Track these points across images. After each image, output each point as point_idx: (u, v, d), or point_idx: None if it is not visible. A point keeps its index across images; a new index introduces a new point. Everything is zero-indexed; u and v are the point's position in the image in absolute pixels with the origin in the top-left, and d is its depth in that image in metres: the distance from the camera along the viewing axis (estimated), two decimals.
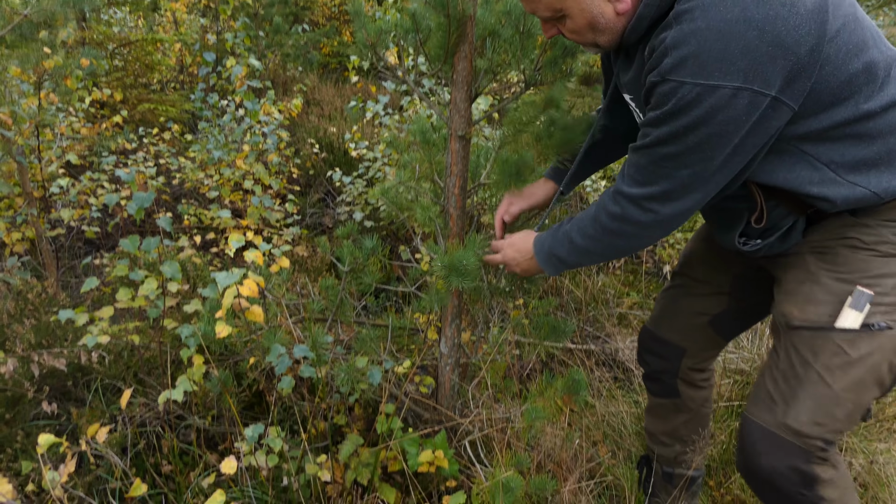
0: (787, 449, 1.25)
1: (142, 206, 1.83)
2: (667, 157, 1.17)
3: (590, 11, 1.20)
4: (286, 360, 1.75)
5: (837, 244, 1.26)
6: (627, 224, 1.30)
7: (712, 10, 1.03)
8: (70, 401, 2.40)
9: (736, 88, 1.04)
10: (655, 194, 1.22)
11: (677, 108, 1.09)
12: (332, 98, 7.27)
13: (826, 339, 1.23)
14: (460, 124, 1.75)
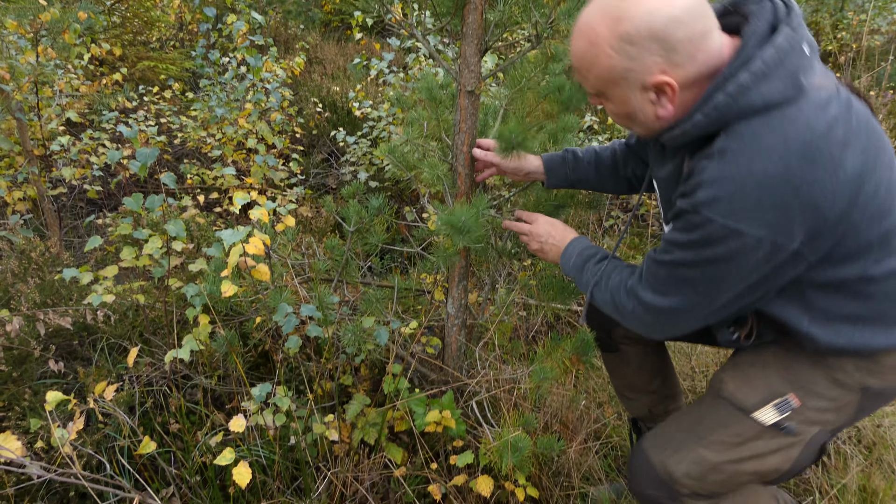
0: (658, 484, 1.41)
1: (145, 162, 1.79)
2: (685, 279, 1.21)
3: (631, 105, 1.20)
4: (293, 320, 1.73)
5: (802, 352, 1.34)
6: (633, 318, 1.35)
7: (756, 160, 1.05)
8: (76, 360, 2.40)
9: (760, 238, 1.07)
10: (666, 308, 1.26)
11: (703, 241, 1.12)
12: (334, 56, 7.14)
13: (739, 419, 1.35)
14: (470, 79, 1.69)
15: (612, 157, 1.77)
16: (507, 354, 2.46)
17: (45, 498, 1.91)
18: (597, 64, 1.16)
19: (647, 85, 1.14)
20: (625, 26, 1.09)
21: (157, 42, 6.42)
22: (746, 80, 1.07)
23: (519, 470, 1.80)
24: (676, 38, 1.08)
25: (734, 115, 1.09)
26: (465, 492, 1.90)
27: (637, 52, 1.10)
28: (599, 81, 1.19)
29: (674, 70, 1.11)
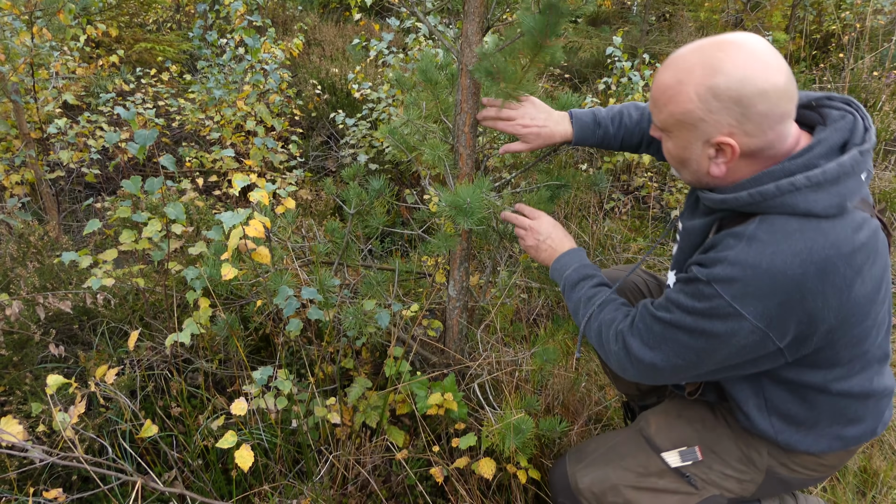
0: (567, 493, 1.55)
1: (144, 144, 1.77)
2: (676, 342, 1.24)
3: (689, 151, 1.22)
4: (294, 303, 1.72)
5: (732, 421, 1.45)
6: (613, 358, 1.38)
7: (780, 257, 1.09)
8: (77, 344, 2.40)
9: (757, 328, 1.12)
10: (648, 362, 1.29)
11: (706, 313, 1.16)
12: (333, 38, 7.07)
13: (648, 454, 1.47)
14: (471, 58, 1.67)
15: (640, 135, 1.76)
16: (508, 337, 2.45)
17: (48, 482, 1.92)
18: (676, 102, 1.17)
19: (712, 141, 1.16)
20: (717, 80, 1.10)
21: (153, 24, 6.36)
22: (801, 183, 1.10)
23: (521, 452, 1.80)
24: (757, 111, 1.10)
25: (776, 207, 1.13)
26: (468, 474, 1.90)
27: (717, 108, 1.12)
28: (671, 118, 1.20)
29: (741, 137, 1.14)
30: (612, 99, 4.65)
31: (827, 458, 1.40)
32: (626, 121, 1.77)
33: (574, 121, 1.74)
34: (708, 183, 1.26)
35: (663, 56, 6.36)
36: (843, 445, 1.35)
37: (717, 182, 1.24)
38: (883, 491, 2.10)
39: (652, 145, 1.76)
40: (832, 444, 1.34)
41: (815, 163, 1.12)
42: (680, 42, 7.11)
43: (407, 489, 1.92)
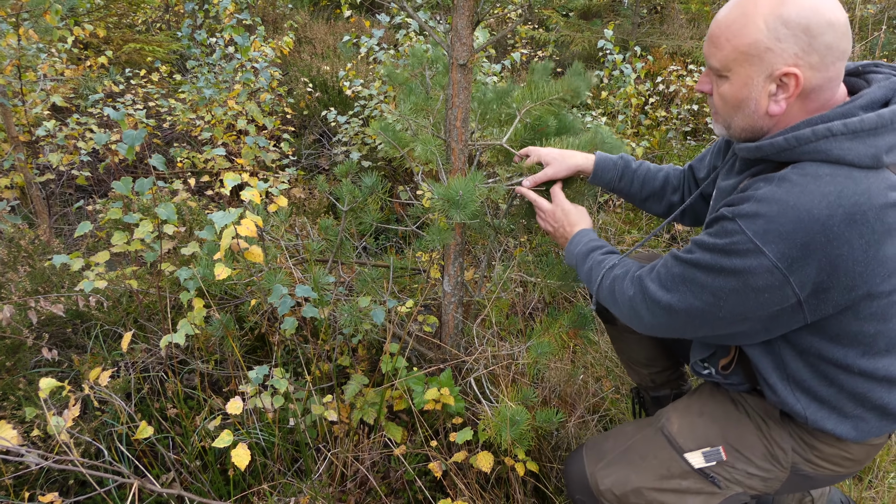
0: (586, 492, 1.51)
1: (133, 144, 1.76)
2: (694, 282, 1.21)
3: (748, 89, 1.19)
4: (289, 301, 1.71)
5: (754, 414, 1.43)
6: (628, 304, 1.36)
7: (807, 197, 1.06)
8: (71, 348, 2.38)
9: (775, 268, 1.09)
10: (665, 303, 1.27)
11: (726, 249, 1.14)
12: (324, 36, 7.04)
13: (671, 455, 1.43)
14: (462, 52, 1.66)
15: (662, 180, 1.78)
16: (504, 331, 2.45)
17: (45, 486, 1.90)
18: (742, 34, 1.14)
19: (775, 74, 1.13)
20: (787, 8, 1.09)
21: (143, 24, 6.32)
22: (837, 129, 1.09)
23: (518, 444, 1.80)
24: (823, 41, 1.09)
25: (809, 153, 1.12)
26: (466, 468, 1.90)
27: (785, 36, 1.10)
28: (734, 54, 1.17)
29: (805, 69, 1.12)
30: (605, 92, 4.65)
31: (853, 451, 1.35)
32: (650, 165, 1.81)
33: (596, 152, 1.82)
34: (762, 127, 1.22)
35: (655, 48, 6.36)
36: (868, 431, 1.29)
37: (770, 127, 1.21)
38: (879, 475, 2.11)
39: (678, 204, 1.76)
40: (858, 427, 1.29)
41: (853, 112, 1.11)
42: (672, 34, 7.11)
43: (406, 484, 1.92)
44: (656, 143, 4.69)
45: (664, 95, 5.26)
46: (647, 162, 1.82)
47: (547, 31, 7.18)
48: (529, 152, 1.85)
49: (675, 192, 1.76)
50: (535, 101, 1.93)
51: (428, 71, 2.18)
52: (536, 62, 2.03)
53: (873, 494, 2.05)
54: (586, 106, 4.96)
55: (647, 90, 4.88)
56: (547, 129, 2.00)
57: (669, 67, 5.14)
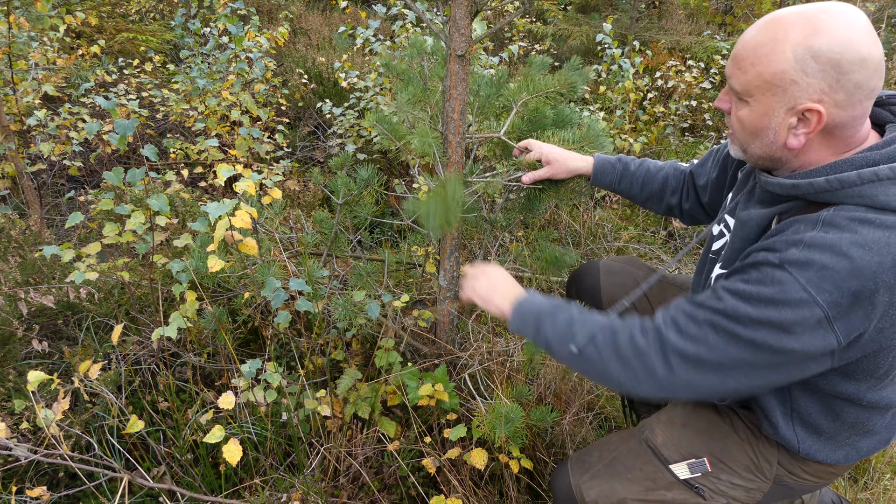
0: (571, 502, 1.46)
1: (124, 134, 1.73)
2: (729, 333, 1.10)
3: (768, 119, 1.13)
4: (282, 294, 1.69)
5: (740, 427, 1.42)
6: (639, 361, 1.20)
7: (858, 247, 1.01)
8: (62, 339, 2.35)
9: (826, 318, 1.03)
10: (692, 355, 1.14)
11: (775, 300, 1.05)
12: (319, 27, 7.00)
13: (656, 467, 1.42)
14: (460, 43, 1.64)
15: (662, 182, 1.75)
16: (500, 327, 2.43)
17: (34, 479, 1.88)
18: (768, 62, 1.08)
19: (798, 108, 1.08)
20: (819, 40, 1.03)
21: (136, 14, 6.26)
22: (884, 174, 1.04)
23: (512, 441, 1.79)
24: (852, 79, 1.03)
25: (852, 197, 1.06)
26: (460, 465, 1.89)
27: (813, 71, 1.04)
28: (757, 80, 1.10)
29: (830, 106, 1.06)
30: (603, 87, 4.63)
31: (839, 468, 1.37)
32: (649, 165, 1.78)
33: (595, 155, 1.79)
34: (780, 158, 1.17)
35: (653, 43, 6.34)
36: (857, 456, 1.32)
37: (789, 158, 1.16)
38: (875, 477, 2.11)
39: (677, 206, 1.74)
40: (849, 455, 1.31)
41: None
42: (670, 29, 7.09)
43: (399, 480, 1.91)
44: (654, 138, 4.67)
45: (662, 91, 5.25)
46: (647, 161, 1.80)
47: (545, 25, 7.15)
48: (531, 146, 1.83)
49: (674, 195, 1.74)
50: (531, 94, 1.91)
51: (426, 62, 2.15)
52: (534, 56, 2.01)
53: (868, 496, 2.04)
54: (584, 101, 4.94)
55: (645, 85, 4.87)
56: (544, 120, 1.98)
57: (668, 63, 5.12)
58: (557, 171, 1.77)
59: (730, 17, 7.11)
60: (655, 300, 1.82)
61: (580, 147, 1.88)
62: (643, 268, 1.89)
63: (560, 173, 1.78)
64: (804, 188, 1.12)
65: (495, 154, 3.44)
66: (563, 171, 1.77)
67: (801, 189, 1.13)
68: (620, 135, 4.31)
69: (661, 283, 1.84)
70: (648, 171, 1.77)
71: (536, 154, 1.79)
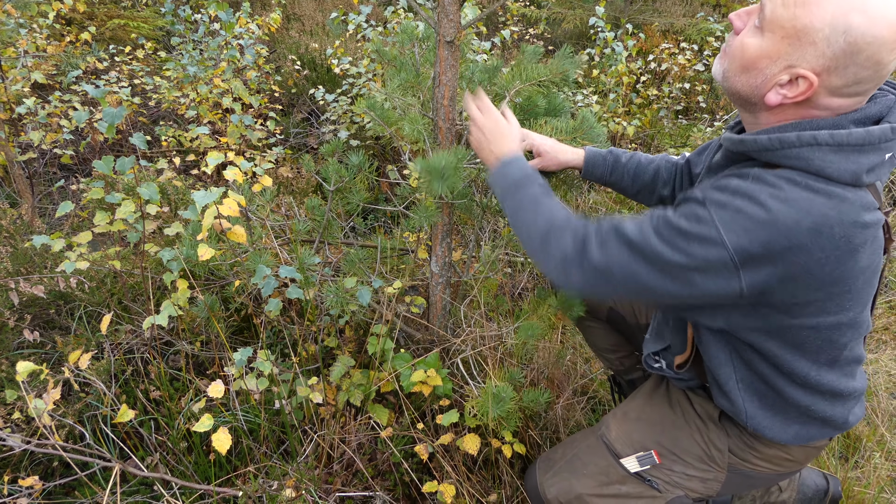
0: (537, 499, 1.53)
1: (113, 122, 1.71)
2: (646, 247, 1.15)
3: (767, 62, 1.10)
4: (272, 282, 1.69)
5: (692, 416, 1.45)
6: (559, 251, 1.26)
7: (777, 200, 1.04)
8: (54, 329, 2.35)
9: (731, 261, 1.07)
10: (602, 266, 1.19)
11: (689, 232, 1.10)
12: (312, 12, 6.94)
13: (609, 461, 1.46)
14: (449, 28, 1.62)
15: (653, 174, 1.74)
16: (492, 312, 2.44)
17: (29, 469, 1.89)
18: (809, 10, 1.02)
19: (796, 69, 1.06)
20: (858, 20, 0.99)
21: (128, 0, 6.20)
22: (823, 139, 1.04)
23: (505, 423, 1.79)
24: (857, 73, 1.02)
25: (790, 158, 1.07)
26: (453, 450, 1.90)
27: (836, 44, 1.01)
28: (789, 21, 1.05)
29: (821, 83, 1.05)
30: (596, 70, 4.60)
31: (793, 452, 1.38)
32: (641, 157, 1.77)
33: (586, 148, 1.78)
34: (754, 105, 1.16)
35: (647, 26, 6.30)
36: (806, 437, 1.32)
37: (760, 110, 1.16)
38: (865, 455, 2.13)
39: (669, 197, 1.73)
40: (798, 434, 1.32)
41: (843, 124, 1.07)
42: (664, 12, 7.04)
43: (392, 467, 1.92)
44: (648, 121, 4.66)
45: (656, 74, 5.22)
46: (638, 154, 1.79)
47: (538, 9, 7.10)
48: (524, 136, 1.80)
49: (666, 186, 1.73)
50: (524, 83, 1.90)
51: (417, 48, 2.13)
52: (526, 45, 1.99)
53: (859, 474, 2.06)
54: (578, 84, 4.91)
55: (638, 68, 4.84)
56: (536, 109, 1.97)
57: (661, 45, 5.09)
58: (548, 163, 1.75)
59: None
60: None
61: (573, 138, 1.87)
62: None
63: (551, 165, 1.76)
64: (749, 144, 1.14)
65: None
66: (554, 164, 1.76)
67: (746, 145, 1.14)
68: (614, 118, 4.29)
69: None
70: (639, 164, 1.76)
71: (527, 144, 1.77)
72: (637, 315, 1.84)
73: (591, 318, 1.93)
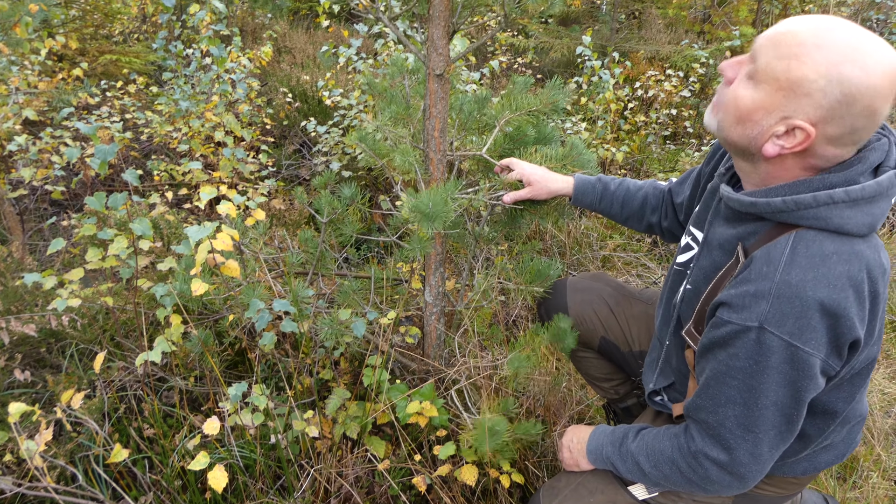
0: None
1: (104, 159, 1.72)
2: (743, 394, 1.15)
3: (762, 114, 1.10)
4: (266, 316, 1.68)
5: None
6: (697, 472, 1.25)
7: (821, 285, 1.04)
8: (45, 368, 2.33)
9: (818, 357, 1.08)
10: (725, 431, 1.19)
11: (760, 360, 1.10)
12: (303, 45, 7.02)
13: (616, 489, 1.44)
14: (438, 62, 1.65)
15: (641, 201, 1.77)
16: (487, 341, 2.43)
17: None
18: (802, 62, 1.03)
19: (792, 121, 1.06)
20: (852, 70, 0.99)
21: (120, 35, 6.26)
22: (839, 197, 1.05)
23: (500, 455, 1.78)
24: (853, 122, 1.03)
25: (807, 219, 1.08)
26: (451, 481, 1.88)
27: (831, 95, 1.01)
28: (783, 73, 1.05)
29: (818, 134, 1.06)
30: (584, 98, 4.66)
31: (799, 478, 1.39)
32: (629, 184, 1.79)
33: (575, 175, 1.81)
34: (751, 156, 1.16)
35: (633, 53, 6.41)
36: (814, 470, 1.35)
37: (758, 161, 1.16)
38: (863, 475, 2.12)
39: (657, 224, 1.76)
40: (807, 469, 1.34)
41: (855, 179, 1.07)
42: (650, 39, 7.17)
43: (391, 499, 1.89)
44: (636, 147, 4.71)
45: (643, 100, 5.29)
46: (627, 180, 1.81)
47: (526, 38, 7.21)
48: (512, 165, 1.82)
49: (654, 213, 1.75)
50: (514, 112, 1.92)
51: (407, 80, 2.16)
52: (516, 76, 2.03)
53: (857, 495, 2.05)
54: (566, 112, 4.97)
55: (626, 95, 4.91)
56: (526, 138, 1.99)
57: (648, 72, 5.17)
58: (538, 192, 1.77)
59: (708, 26, 7.19)
60: (622, 316, 1.84)
61: (563, 165, 1.89)
62: (609, 283, 1.91)
63: (541, 194, 1.78)
64: (762, 207, 1.13)
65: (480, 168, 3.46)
66: (544, 192, 1.78)
67: (759, 208, 1.14)
68: (603, 144, 4.34)
69: (628, 297, 1.86)
70: (628, 191, 1.77)
71: (517, 174, 1.79)
72: (630, 343, 1.84)
73: (583, 348, 1.92)
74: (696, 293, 1.30)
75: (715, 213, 1.33)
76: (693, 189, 1.59)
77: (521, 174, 1.78)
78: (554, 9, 1.79)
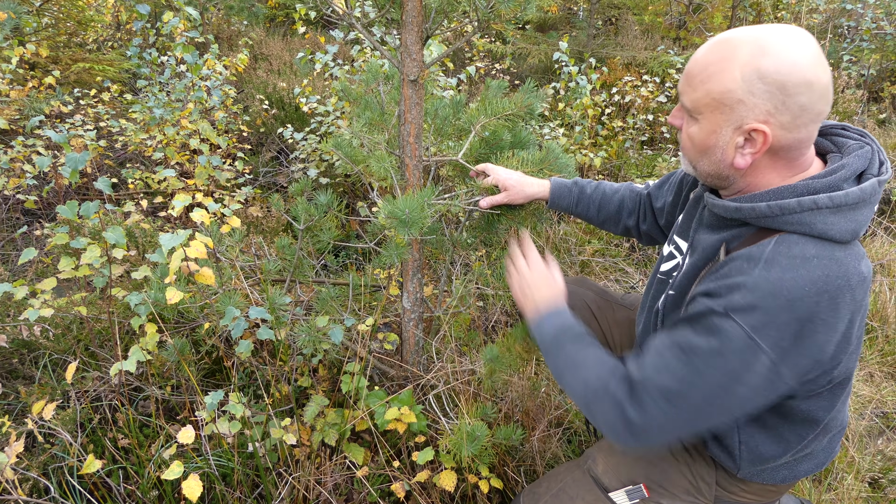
0: None
1: (76, 167, 1.70)
2: (686, 368, 1.14)
3: (716, 137, 1.15)
4: (242, 323, 1.67)
5: (678, 449, 1.44)
6: (615, 408, 1.22)
7: (798, 285, 1.04)
8: (18, 379, 2.29)
9: (772, 364, 1.07)
10: (656, 387, 1.17)
11: (722, 350, 1.10)
12: (280, 52, 7.00)
13: (597, 496, 1.45)
14: (412, 68, 1.66)
15: (618, 204, 1.78)
16: (465, 346, 2.44)
17: None
18: (716, 80, 1.10)
19: (744, 128, 1.10)
20: (766, 62, 1.04)
21: (94, 43, 6.19)
22: (823, 203, 1.07)
23: (479, 460, 1.78)
24: (798, 102, 1.05)
25: (791, 224, 1.09)
26: (430, 487, 1.88)
27: (760, 91, 1.06)
28: (706, 98, 1.12)
29: (776, 128, 1.08)
30: (562, 104, 4.70)
31: (779, 486, 1.40)
32: (605, 187, 1.80)
33: (551, 179, 1.81)
34: (728, 176, 1.19)
35: (610, 59, 6.48)
36: (793, 478, 1.36)
37: (736, 178, 1.19)
38: (837, 477, 2.15)
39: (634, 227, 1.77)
40: (786, 477, 1.35)
41: (839, 185, 1.09)
42: (626, 45, 7.25)
43: None
44: (614, 152, 4.76)
45: (620, 105, 5.35)
46: (603, 183, 1.82)
47: (504, 45, 7.26)
48: (487, 171, 1.82)
49: (631, 216, 1.77)
50: (489, 117, 1.94)
51: (383, 86, 2.17)
52: (490, 80, 2.04)
53: (833, 497, 2.08)
54: (544, 117, 5.01)
55: (603, 101, 4.96)
56: (502, 142, 2.01)
57: (624, 78, 5.23)
58: (514, 196, 1.78)
59: (683, 32, 7.30)
60: (605, 321, 1.85)
61: (539, 170, 1.90)
62: (591, 287, 1.92)
63: (517, 199, 1.79)
64: (746, 212, 1.15)
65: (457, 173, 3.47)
66: (521, 197, 1.79)
67: (744, 213, 1.16)
68: (581, 150, 4.38)
69: (610, 303, 1.87)
70: (604, 194, 1.79)
71: (492, 179, 1.80)
72: (613, 348, 1.85)
73: None
74: (680, 297, 1.31)
75: (699, 222, 1.35)
76: (676, 196, 1.60)
77: (496, 179, 1.79)
78: (528, 13, 1.80)
